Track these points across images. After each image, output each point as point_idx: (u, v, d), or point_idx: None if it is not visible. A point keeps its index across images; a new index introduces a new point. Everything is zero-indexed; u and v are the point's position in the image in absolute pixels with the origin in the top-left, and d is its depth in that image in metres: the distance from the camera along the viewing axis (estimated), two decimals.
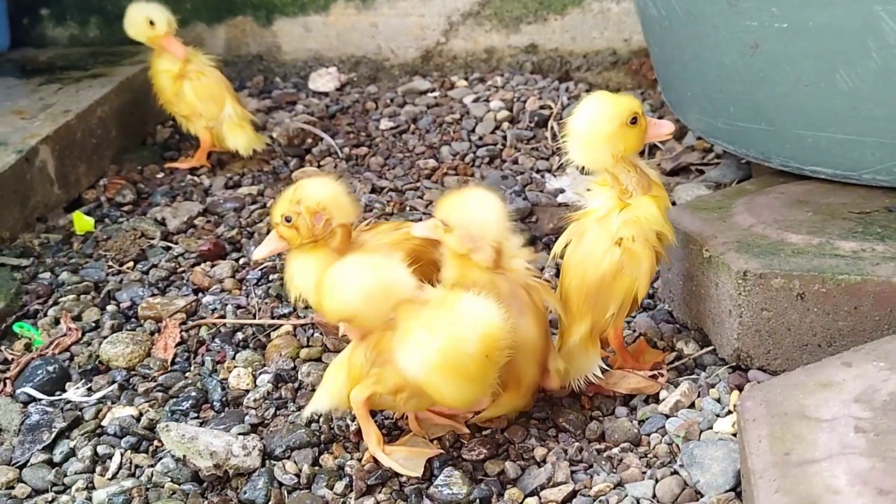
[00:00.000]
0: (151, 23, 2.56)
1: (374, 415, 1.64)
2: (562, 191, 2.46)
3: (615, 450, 1.59)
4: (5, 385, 1.84)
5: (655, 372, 1.71)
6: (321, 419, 1.68)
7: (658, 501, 1.48)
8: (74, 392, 1.82)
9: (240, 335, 1.95)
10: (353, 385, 1.52)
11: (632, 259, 1.61)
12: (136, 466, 1.63)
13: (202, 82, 2.59)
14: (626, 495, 1.49)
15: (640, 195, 1.61)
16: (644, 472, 1.53)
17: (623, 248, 1.60)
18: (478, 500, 1.50)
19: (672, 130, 1.65)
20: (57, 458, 1.66)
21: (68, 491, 1.59)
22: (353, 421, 1.65)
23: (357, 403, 1.52)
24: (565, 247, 1.67)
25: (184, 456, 1.59)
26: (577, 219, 1.67)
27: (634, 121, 1.58)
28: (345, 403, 1.55)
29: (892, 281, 1.58)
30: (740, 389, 1.65)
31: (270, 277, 2.12)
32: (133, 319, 2.03)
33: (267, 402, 1.75)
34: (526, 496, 1.51)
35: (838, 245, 1.68)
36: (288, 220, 1.68)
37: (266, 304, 2.03)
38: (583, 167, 1.63)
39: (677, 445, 1.57)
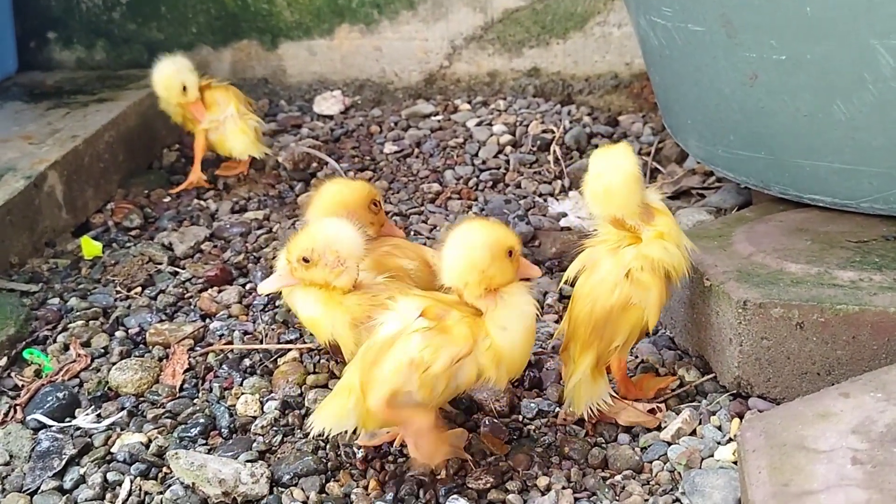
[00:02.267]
0: (184, 88, 2.63)
1: (378, 448, 1.67)
2: (564, 214, 2.48)
3: (618, 477, 1.61)
4: (16, 412, 1.86)
5: (654, 406, 1.73)
6: (328, 446, 1.71)
7: None
8: (84, 419, 1.84)
9: (247, 361, 1.97)
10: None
11: (640, 288, 1.63)
12: (146, 493, 1.65)
13: (212, 89, 2.67)
14: None
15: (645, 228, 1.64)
16: (646, 500, 1.55)
17: (632, 278, 1.62)
18: None
19: None
20: (67, 485, 1.69)
21: None
22: (359, 449, 1.68)
23: (379, 406, 1.52)
24: (576, 274, 1.69)
25: (193, 483, 1.62)
26: (590, 245, 1.69)
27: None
28: (354, 424, 1.56)
29: (890, 311, 1.61)
30: (741, 417, 1.68)
31: (277, 303, 2.15)
32: (141, 345, 2.05)
33: (274, 428, 1.77)
34: None
35: (836, 275, 1.71)
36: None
37: (273, 329, 2.06)
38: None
39: (679, 473, 1.60)
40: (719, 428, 1.68)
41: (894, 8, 1.65)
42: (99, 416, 1.85)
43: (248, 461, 1.67)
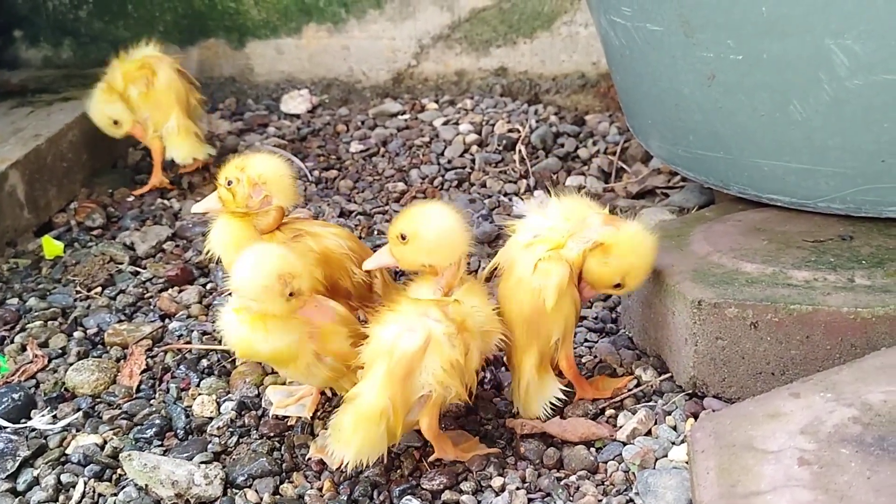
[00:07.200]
0: (115, 122, 2.63)
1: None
2: None
3: (573, 478, 1.61)
4: None
5: (605, 425, 1.72)
6: (283, 448, 1.70)
7: None
8: (40, 420, 1.83)
9: (205, 362, 1.96)
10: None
11: (541, 274, 1.63)
12: (100, 495, 1.64)
13: (150, 88, 2.61)
14: None
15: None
16: (600, 501, 1.55)
17: (536, 268, 1.62)
18: None
19: None
20: (20, 486, 1.67)
21: None
22: None
23: (433, 430, 1.57)
24: (493, 271, 1.71)
25: (146, 485, 1.61)
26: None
27: None
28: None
29: (843, 311, 1.61)
30: (696, 417, 1.68)
31: None
32: (99, 346, 2.04)
33: (230, 429, 1.76)
34: None
35: (791, 274, 1.71)
36: (229, 182, 1.74)
37: None
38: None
39: (633, 473, 1.60)
40: (674, 428, 1.68)
41: (848, 7, 1.65)
42: (55, 417, 1.84)
43: (202, 462, 1.66)
